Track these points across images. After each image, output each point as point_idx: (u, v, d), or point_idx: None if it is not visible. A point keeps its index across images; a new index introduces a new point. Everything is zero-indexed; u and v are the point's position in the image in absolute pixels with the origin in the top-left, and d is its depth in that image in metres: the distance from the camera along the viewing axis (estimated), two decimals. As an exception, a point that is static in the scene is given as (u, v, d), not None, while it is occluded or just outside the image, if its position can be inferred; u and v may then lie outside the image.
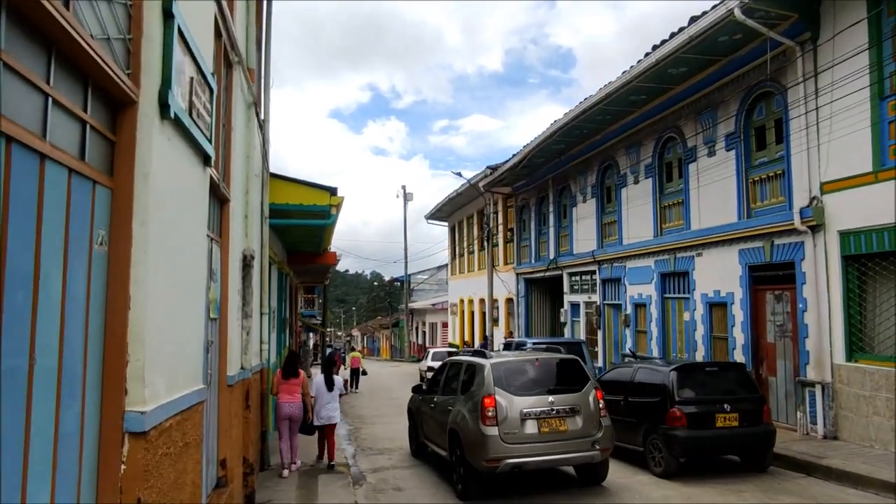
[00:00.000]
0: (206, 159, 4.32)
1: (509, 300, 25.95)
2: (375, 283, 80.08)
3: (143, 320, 2.93)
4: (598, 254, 17.89)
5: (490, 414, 7.54)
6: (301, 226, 10.07)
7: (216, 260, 5.58)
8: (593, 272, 18.51)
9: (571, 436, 7.73)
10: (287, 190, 9.11)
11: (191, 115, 3.73)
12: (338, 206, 9.27)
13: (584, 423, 7.81)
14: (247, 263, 6.65)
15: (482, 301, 29.21)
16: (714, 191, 12.97)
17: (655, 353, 15.13)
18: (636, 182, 16.10)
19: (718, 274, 12.84)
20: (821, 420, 10.12)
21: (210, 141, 4.35)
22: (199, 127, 3.94)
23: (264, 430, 8.46)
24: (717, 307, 13.03)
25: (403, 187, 44.04)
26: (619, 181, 16.88)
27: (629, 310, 16.43)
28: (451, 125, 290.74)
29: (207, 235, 4.88)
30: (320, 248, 15.50)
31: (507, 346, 23.86)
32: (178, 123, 3.45)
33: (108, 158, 2.92)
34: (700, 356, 13.35)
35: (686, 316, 14.22)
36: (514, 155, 20.82)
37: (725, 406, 8.56)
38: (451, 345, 33.20)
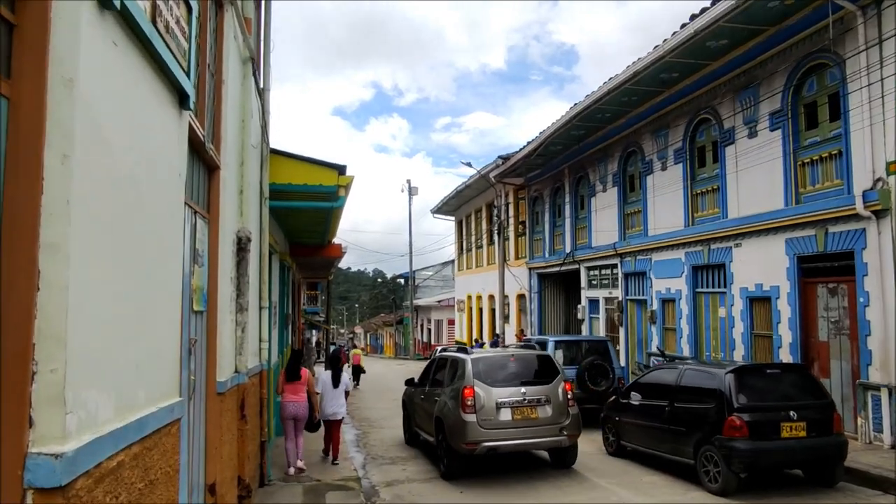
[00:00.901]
0: (181, 98, 3.24)
1: (521, 296, 24.86)
2: (378, 280, 79.13)
3: (62, 307, 1.86)
4: (620, 246, 16.79)
5: (469, 403, 8.48)
6: (305, 209, 8.98)
7: (203, 239, 4.51)
8: (614, 266, 17.41)
9: (542, 423, 8.66)
10: (290, 168, 8.03)
11: (154, 23, 2.65)
12: (346, 187, 8.19)
13: (553, 411, 8.74)
14: (242, 247, 5.59)
15: (491, 297, 28.14)
16: (755, 175, 11.87)
17: (686, 353, 14.04)
18: (664, 168, 14.99)
19: (761, 266, 11.74)
20: (888, 427, 9.02)
21: (188, 76, 3.27)
22: (168, 47, 2.86)
23: (264, 441, 7.40)
24: (759, 302, 11.93)
25: (408, 181, 42.89)
26: (645, 168, 15.77)
27: (655, 306, 15.34)
28: (454, 123, 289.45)
29: (187, 205, 3.82)
30: (325, 239, 14.42)
31: (494, 345, 23.09)
32: (130, 24, 2.38)
33: (5, 51, 1.85)
34: (739, 356, 12.25)
35: (721, 312, 13.12)
36: (528, 142, 19.71)
37: (791, 413, 7.46)
38: (458, 342, 32.17)
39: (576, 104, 16.16)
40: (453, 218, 35.57)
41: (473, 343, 25.53)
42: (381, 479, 9.06)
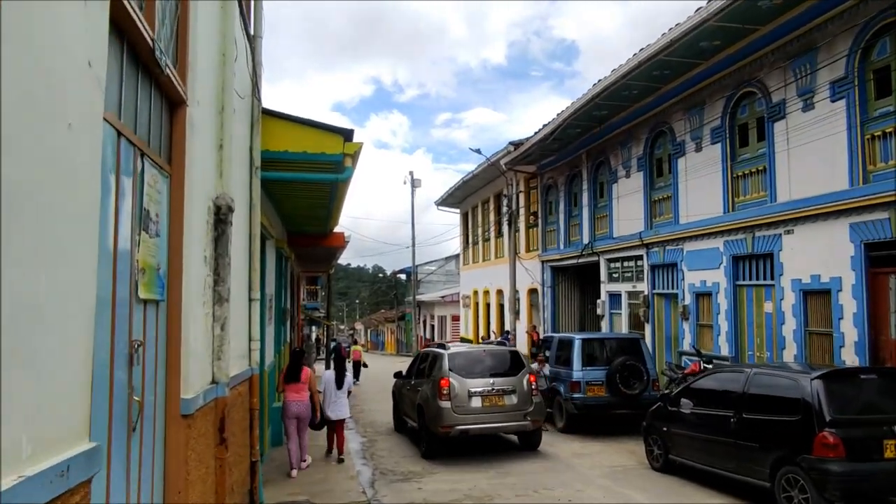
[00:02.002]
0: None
1: (532, 291, 23.53)
2: (380, 275, 77.96)
3: None
4: (646, 236, 15.46)
5: (445, 392, 9.60)
6: (305, 183, 7.62)
7: (159, 199, 3.19)
8: (639, 257, 16.07)
9: (508, 409, 9.81)
10: (287, 133, 6.69)
11: None
12: (354, 156, 6.85)
13: (518, 400, 9.89)
14: (221, 218, 4.25)
15: (499, 292, 26.81)
16: (812, 153, 10.53)
17: (724, 352, 12.73)
18: (698, 150, 13.64)
19: (818, 254, 10.41)
20: None
21: None
22: None
23: (255, 461, 6.08)
24: (816, 296, 10.60)
25: (411, 173, 41.47)
26: (676, 150, 14.42)
27: (688, 300, 14.01)
28: (454, 118, 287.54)
29: (124, 137, 2.48)
30: (327, 227, 13.08)
31: (503, 344, 21.54)
32: None
33: None
34: (791, 355, 10.93)
35: (767, 307, 11.79)
36: (544, 125, 18.34)
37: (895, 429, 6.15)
38: (463, 339, 30.89)
39: (599, 80, 14.80)
40: (458, 210, 34.21)
41: (502, 334, 24.00)
42: (394, 500, 7.76)
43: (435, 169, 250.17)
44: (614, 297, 17.72)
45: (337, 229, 14.82)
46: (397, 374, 12.75)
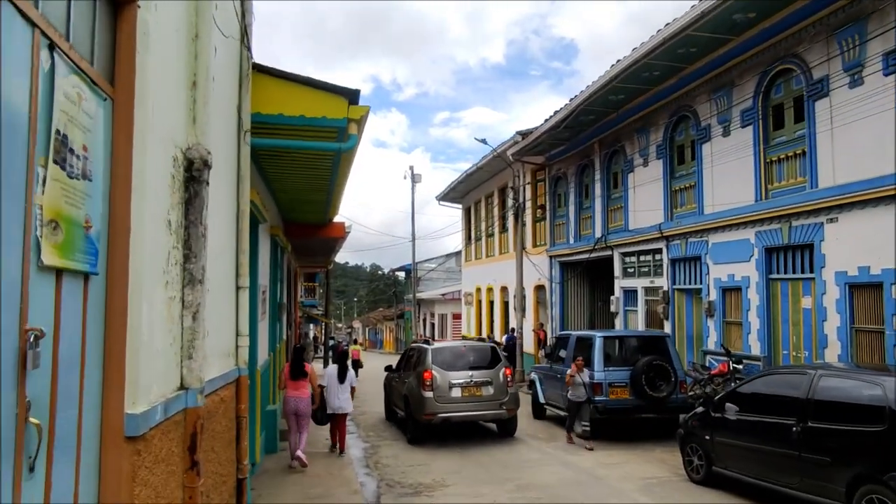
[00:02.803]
0: None
1: (539, 287, 22.58)
2: (379, 272, 77.04)
3: None
4: (666, 227, 14.50)
5: (428, 383, 10.36)
6: (303, 154, 6.60)
7: (88, 125, 2.21)
8: (658, 251, 15.12)
9: (485, 399, 10.57)
10: (282, 93, 5.71)
11: None
12: (360, 122, 5.88)
13: (495, 390, 10.63)
14: (194, 176, 3.28)
15: (504, 289, 25.85)
16: (859, 133, 9.58)
17: (755, 351, 11.78)
18: (726, 134, 12.69)
19: (866, 245, 9.46)
20: None
21: None
22: None
23: (243, 479, 5.09)
24: (864, 290, 9.65)
25: (411, 167, 40.44)
26: (700, 135, 13.46)
27: (714, 296, 13.05)
28: (453, 117, 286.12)
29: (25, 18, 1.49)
30: (326, 214, 12.10)
31: (511, 342, 20.67)
32: None
33: None
34: (833, 355, 9.98)
35: (806, 302, 10.84)
36: (555, 112, 17.37)
37: None
38: (464, 338, 29.93)
39: (619, 60, 13.83)
40: (460, 206, 33.23)
41: (507, 332, 22.98)
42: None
43: (433, 168, 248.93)
44: (629, 294, 16.76)
45: (336, 219, 13.84)
46: (388, 368, 13.59)
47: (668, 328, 14.65)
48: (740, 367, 11.68)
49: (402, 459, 9.68)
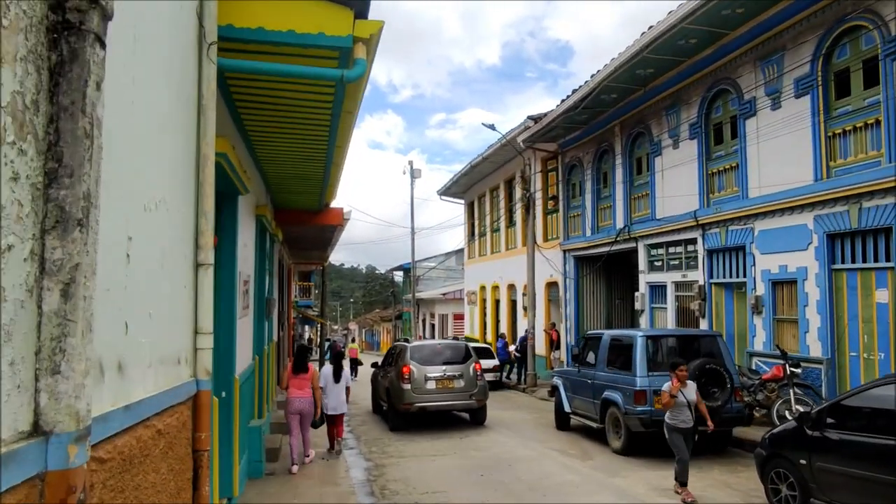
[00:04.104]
0: None
1: (551, 284, 21.03)
2: (376, 272, 75.44)
3: None
4: (702, 215, 13.00)
5: (406, 376, 11.68)
6: (291, 84, 4.96)
7: None
8: (692, 241, 13.61)
9: (457, 390, 11.90)
10: (265, 3, 4.15)
11: None
12: (370, 44, 4.33)
13: (465, 383, 11.95)
14: (69, 22, 1.71)
15: (511, 287, 24.29)
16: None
17: (815, 353, 10.28)
18: (776, 106, 11.19)
19: (966, 226, 7.97)
20: None
21: None
22: None
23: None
24: (961, 279, 8.16)
25: (410, 163, 38.84)
26: (743, 109, 11.96)
27: (762, 290, 11.54)
28: (448, 119, 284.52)
29: None
30: (322, 198, 10.53)
31: (523, 341, 19.16)
32: None
33: None
34: (921, 357, 8.48)
35: (881, 296, 9.34)
36: (574, 91, 15.84)
37: None
38: (467, 339, 28.36)
39: (651, 27, 12.32)
40: (462, 201, 31.69)
41: (520, 336, 21.23)
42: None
43: (430, 169, 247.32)
44: (656, 289, 15.24)
45: (334, 205, 12.28)
46: (374, 365, 14.72)
47: (704, 327, 13.13)
48: (798, 370, 10.17)
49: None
